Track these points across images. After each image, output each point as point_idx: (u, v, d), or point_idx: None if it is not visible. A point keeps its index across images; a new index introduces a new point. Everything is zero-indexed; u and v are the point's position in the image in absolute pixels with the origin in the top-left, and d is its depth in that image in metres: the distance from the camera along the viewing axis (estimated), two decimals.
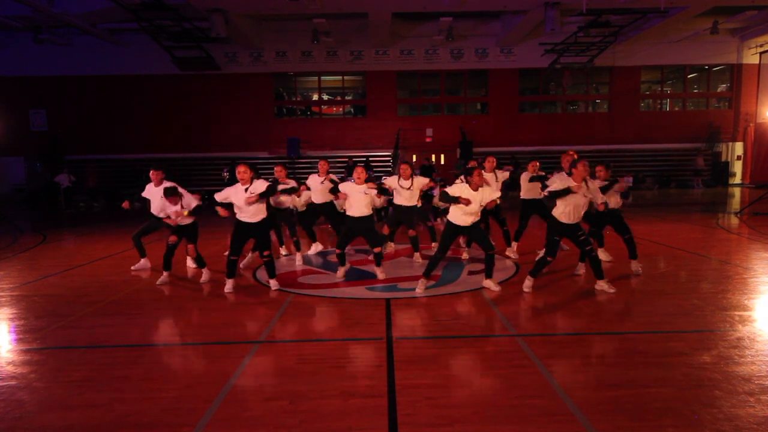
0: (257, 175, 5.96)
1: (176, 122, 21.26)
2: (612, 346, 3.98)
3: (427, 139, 21.73)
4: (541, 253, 5.93)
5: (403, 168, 7.00)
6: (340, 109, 23.18)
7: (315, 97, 22.64)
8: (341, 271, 6.41)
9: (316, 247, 8.04)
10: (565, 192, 5.19)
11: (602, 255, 6.83)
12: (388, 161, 20.94)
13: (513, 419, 2.91)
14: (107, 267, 7.26)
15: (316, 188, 7.59)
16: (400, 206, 7.05)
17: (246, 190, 5.60)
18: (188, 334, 4.52)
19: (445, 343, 4.14)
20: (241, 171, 5.62)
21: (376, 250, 6.24)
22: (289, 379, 3.51)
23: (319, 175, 7.63)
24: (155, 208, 6.56)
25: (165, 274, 6.41)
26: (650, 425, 2.81)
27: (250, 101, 21.42)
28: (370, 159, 20.38)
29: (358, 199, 6.05)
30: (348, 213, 6.19)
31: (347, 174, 18.11)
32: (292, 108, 22.92)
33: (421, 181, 7.04)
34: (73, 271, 7.05)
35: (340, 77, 22.42)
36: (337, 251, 6.32)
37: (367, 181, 6.21)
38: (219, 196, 5.76)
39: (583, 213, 5.44)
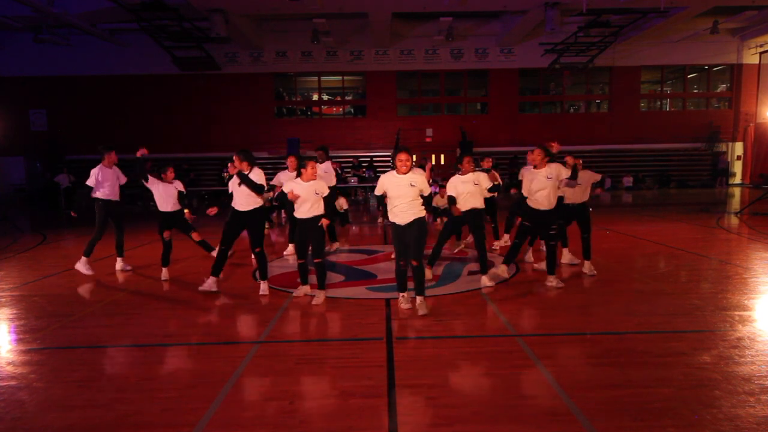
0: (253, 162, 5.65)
1: (176, 122, 21.26)
2: (612, 346, 3.98)
3: (427, 139, 21.74)
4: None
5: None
6: (340, 109, 23.18)
7: (315, 97, 22.65)
8: (300, 291, 5.55)
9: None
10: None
11: (566, 257, 6.77)
12: (388, 161, 20.94)
13: (513, 419, 2.91)
14: (107, 267, 7.26)
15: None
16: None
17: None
18: (188, 334, 4.52)
19: (445, 343, 4.14)
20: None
21: (316, 260, 5.29)
22: (289, 379, 3.51)
23: (289, 171, 7.70)
24: (164, 204, 6.49)
25: (164, 270, 6.44)
26: (650, 425, 2.81)
27: (250, 101, 21.42)
28: (363, 159, 20.39)
29: (304, 198, 5.19)
30: (294, 214, 5.36)
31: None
32: (292, 108, 22.93)
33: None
34: (73, 271, 7.04)
35: (340, 77, 22.43)
36: (299, 261, 5.45)
37: (339, 180, 5.96)
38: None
39: (554, 200, 5.62)
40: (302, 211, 5.24)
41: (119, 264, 7.08)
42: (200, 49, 18.48)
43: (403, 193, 4.80)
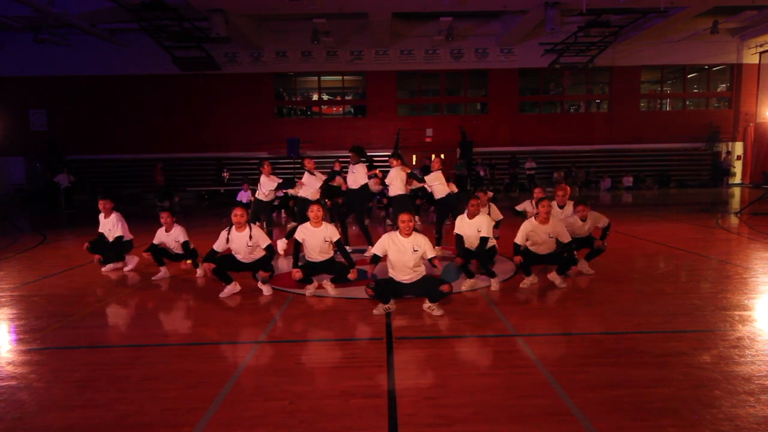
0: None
1: (176, 122, 21.28)
2: (612, 346, 3.98)
3: (427, 139, 21.74)
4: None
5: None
6: (340, 109, 23.19)
7: (315, 97, 22.65)
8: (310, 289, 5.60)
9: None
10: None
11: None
12: (388, 161, 20.92)
13: (513, 419, 2.91)
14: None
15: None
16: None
17: (249, 237, 5.50)
18: (188, 334, 4.52)
19: (445, 343, 4.13)
20: (238, 214, 5.46)
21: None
22: (289, 379, 3.50)
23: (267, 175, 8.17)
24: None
25: (162, 269, 6.48)
26: (650, 425, 2.81)
27: (250, 101, 21.43)
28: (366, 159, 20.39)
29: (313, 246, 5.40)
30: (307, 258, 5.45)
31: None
32: (292, 108, 22.94)
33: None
34: (73, 271, 7.04)
35: (340, 77, 22.44)
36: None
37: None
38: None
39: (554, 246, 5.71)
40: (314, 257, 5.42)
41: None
42: (200, 49, 18.51)
43: (407, 259, 4.69)
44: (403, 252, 4.70)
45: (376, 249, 4.89)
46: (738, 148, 22.34)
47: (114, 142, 21.07)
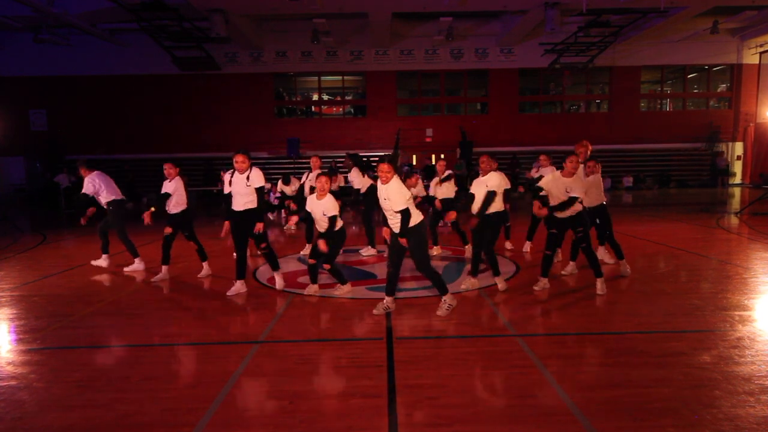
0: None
1: (176, 122, 21.27)
2: (612, 346, 3.98)
3: (427, 139, 21.74)
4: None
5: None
6: (340, 109, 23.18)
7: (315, 97, 22.65)
8: (311, 289, 5.75)
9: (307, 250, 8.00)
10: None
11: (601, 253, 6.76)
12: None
13: (513, 419, 2.91)
14: (107, 267, 7.26)
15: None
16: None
17: (247, 178, 5.54)
18: (188, 334, 4.52)
19: (445, 343, 4.14)
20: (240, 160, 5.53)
21: (325, 266, 5.59)
22: (289, 379, 3.50)
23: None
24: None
25: (164, 268, 6.47)
26: (650, 425, 2.81)
27: (250, 101, 21.43)
28: (365, 159, 20.37)
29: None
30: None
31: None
32: (292, 108, 22.94)
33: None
34: (73, 271, 7.05)
35: (340, 77, 22.43)
36: (311, 262, 5.66)
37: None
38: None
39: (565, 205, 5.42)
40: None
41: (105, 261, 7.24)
42: (200, 49, 18.50)
43: (386, 205, 4.64)
44: (381, 198, 4.68)
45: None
46: (738, 148, 22.34)
47: (114, 142, 21.05)
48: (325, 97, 22.79)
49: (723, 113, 22.42)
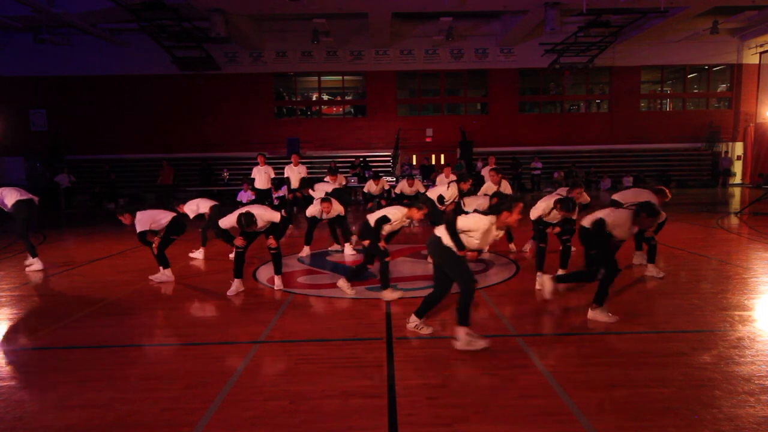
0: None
1: (176, 122, 21.26)
2: (612, 346, 3.98)
3: (427, 139, 21.74)
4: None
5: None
6: (340, 109, 23.18)
7: (315, 97, 22.64)
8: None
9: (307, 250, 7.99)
10: None
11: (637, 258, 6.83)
12: (388, 161, 20.94)
13: (513, 419, 2.91)
14: (107, 267, 7.26)
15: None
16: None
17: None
18: (188, 334, 4.52)
19: (445, 343, 4.13)
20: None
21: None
22: (289, 379, 3.51)
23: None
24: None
25: (165, 270, 6.45)
26: (650, 425, 2.81)
27: (250, 101, 21.42)
28: (368, 159, 20.38)
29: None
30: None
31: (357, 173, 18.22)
32: (292, 108, 22.93)
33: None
34: (73, 271, 7.05)
35: (340, 77, 22.43)
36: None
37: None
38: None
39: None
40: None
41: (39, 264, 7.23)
42: (200, 49, 18.49)
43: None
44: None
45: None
46: (738, 148, 22.33)
47: (114, 142, 21.04)
48: (325, 97, 22.78)
49: (723, 113, 22.41)
